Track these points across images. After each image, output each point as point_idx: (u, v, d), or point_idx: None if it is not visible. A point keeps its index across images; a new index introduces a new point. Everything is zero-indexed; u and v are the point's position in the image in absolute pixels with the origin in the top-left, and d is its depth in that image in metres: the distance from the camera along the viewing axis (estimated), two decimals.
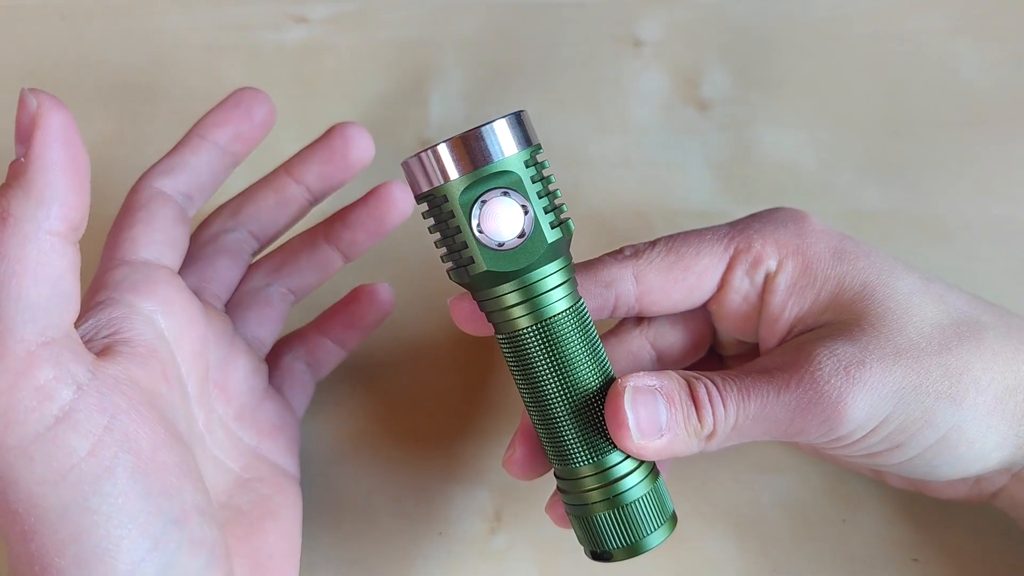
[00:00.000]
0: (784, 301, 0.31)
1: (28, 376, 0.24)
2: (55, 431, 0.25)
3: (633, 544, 0.29)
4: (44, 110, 0.25)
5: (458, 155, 0.27)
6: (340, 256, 0.38)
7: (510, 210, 0.27)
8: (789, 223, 0.32)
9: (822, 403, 0.28)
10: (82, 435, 0.25)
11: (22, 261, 0.24)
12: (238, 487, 0.32)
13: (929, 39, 0.46)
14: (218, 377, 0.33)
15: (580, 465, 0.29)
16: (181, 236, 0.33)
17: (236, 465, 0.33)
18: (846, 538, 0.37)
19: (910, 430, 0.29)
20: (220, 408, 0.33)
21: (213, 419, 0.32)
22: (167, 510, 0.27)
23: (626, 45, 0.47)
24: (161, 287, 0.30)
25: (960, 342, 0.29)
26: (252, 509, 0.32)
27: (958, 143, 0.44)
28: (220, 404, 0.33)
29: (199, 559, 0.27)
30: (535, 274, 0.28)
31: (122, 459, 0.26)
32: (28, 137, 0.25)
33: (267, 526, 0.32)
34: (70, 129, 0.25)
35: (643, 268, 0.31)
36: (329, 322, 0.38)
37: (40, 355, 0.25)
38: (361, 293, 0.38)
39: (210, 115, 0.35)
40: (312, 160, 0.36)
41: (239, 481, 0.33)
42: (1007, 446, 0.30)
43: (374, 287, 0.38)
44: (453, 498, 0.39)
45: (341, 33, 0.48)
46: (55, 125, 0.25)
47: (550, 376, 0.28)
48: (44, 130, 0.25)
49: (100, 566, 0.25)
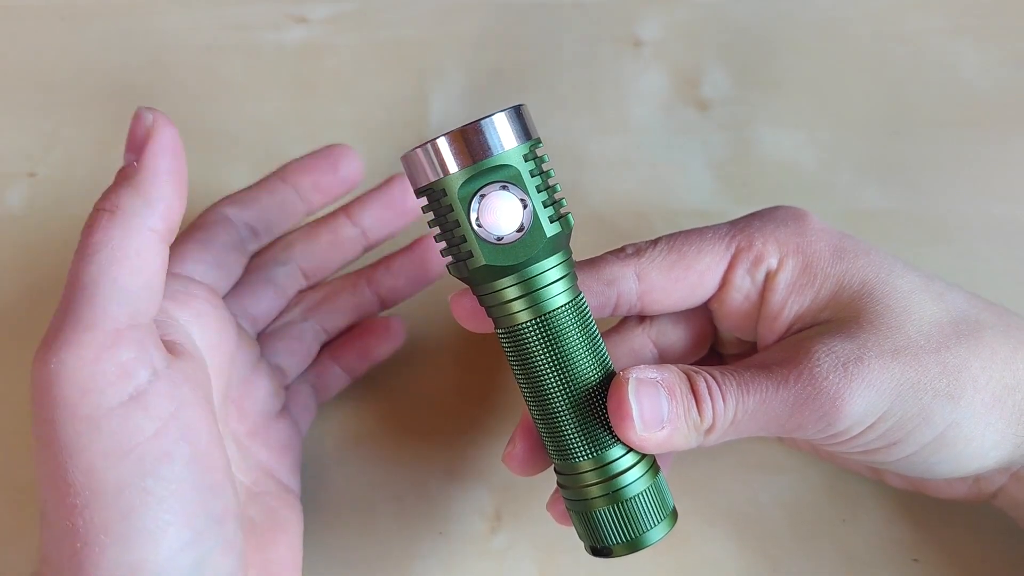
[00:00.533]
0: (784, 299, 0.31)
1: (112, 352, 0.26)
2: (127, 408, 0.26)
3: (633, 539, 0.29)
4: (158, 124, 0.28)
5: (457, 149, 0.27)
6: (379, 301, 0.39)
7: (509, 204, 0.27)
8: (790, 221, 0.32)
9: (820, 399, 0.28)
10: (151, 417, 0.26)
11: (124, 250, 0.27)
12: (249, 499, 0.33)
13: (929, 39, 0.46)
14: (236, 395, 0.34)
15: (580, 460, 0.29)
16: (233, 262, 0.34)
17: (247, 479, 0.34)
18: (846, 538, 0.37)
19: (907, 427, 0.29)
20: (234, 423, 0.34)
21: (226, 433, 0.33)
22: (212, 507, 0.28)
23: (626, 45, 0.47)
24: (197, 302, 0.31)
25: (959, 340, 0.30)
26: (263, 521, 0.33)
27: (958, 143, 0.44)
28: (234, 420, 0.34)
29: (229, 561, 0.28)
30: (534, 268, 0.28)
31: (182, 447, 0.27)
32: (141, 147, 0.28)
33: (277, 538, 0.33)
34: (177, 144, 0.29)
35: (645, 266, 0.32)
36: (340, 349, 0.39)
37: (126, 335, 0.26)
38: (375, 326, 0.39)
39: (297, 160, 0.37)
40: (372, 205, 0.38)
41: (250, 494, 0.33)
42: (1005, 445, 0.30)
43: (387, 321, 0.39)
44: (453, 497, 0.39)
45: (341, 33, 0.48)
46: (166, 138, 0.28)
47: (550, 370, 0.28)
48: (157, 141, 0.28)
49: (141, 548, 0.26)
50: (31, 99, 0.47)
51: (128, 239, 0.27)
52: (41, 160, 0.45)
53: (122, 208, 0.27)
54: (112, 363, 0.26)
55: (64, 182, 0.45)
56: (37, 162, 0.45)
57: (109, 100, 0.46)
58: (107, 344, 0.26)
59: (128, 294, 0.27)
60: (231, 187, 0.37)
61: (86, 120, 0.46)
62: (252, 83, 0.47)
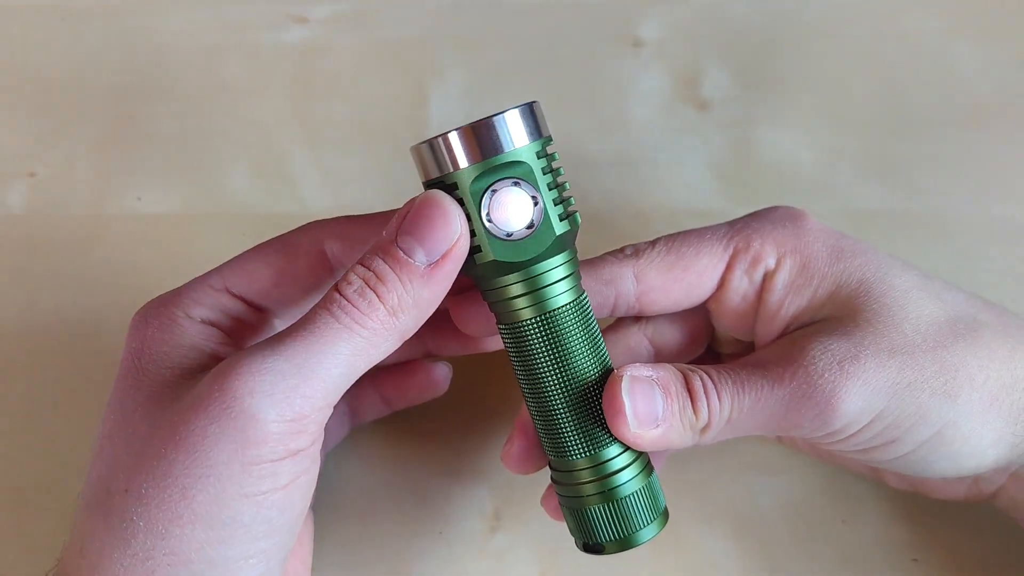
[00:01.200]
0: (782, 299, 0.31)
1: (312, 415, 0.27)
2: (286, 459, 0.27)
3: (625, 538, 0.29)
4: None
5: (471, 144, 0.27)
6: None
7: (520, 200, 0.27)
8: (787, 222, 0.32)
9: (815, 397, 0.28)
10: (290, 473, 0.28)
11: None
12: None
13: (929, 39, 0.46)
14: None
15: (576, 458, 0.29)
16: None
17: None
18: (845, 538, 0.37)
19: (904, 425, 0.29)
20: None
21: None
22: (286, 546, 0.29)
23: (626, 45, 0.47)
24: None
25: (956, 339, 0.30)
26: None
27: (958, 143, 0.44)
28: None
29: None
30: (541, 266, 0.28)
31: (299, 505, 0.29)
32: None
33: (293, 555, 0.34)
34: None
35: (643, 267, 0.32)
36: (384, 381, 0.38)
37: (325, 410, 0.28)
38: (421, 369, 0.38)
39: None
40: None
41: None
42: (1003, 444, 0.30)
43: (435, 368, 0.38)
44: (453, 498, 0.39)
45: (341, 33, 0.48)
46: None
47: (550, 368, 0.28)
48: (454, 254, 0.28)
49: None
50: (31, 99, 0.47)
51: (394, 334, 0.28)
52: (41, 160, 0.45)
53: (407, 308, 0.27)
54: (298, 424, 0.27)
55: (64, 182, 0.45)
56: (37, 162, 0.45)
57: (109, 100, 0.46)
58: (317, 408, 0.27)
59: (350, 379, 0.27)
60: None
61: (86, 120, 0.46)
62: (252, 83, 0.47)
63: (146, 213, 0.44)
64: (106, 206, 0.44)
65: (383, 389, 0.38)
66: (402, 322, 0.27)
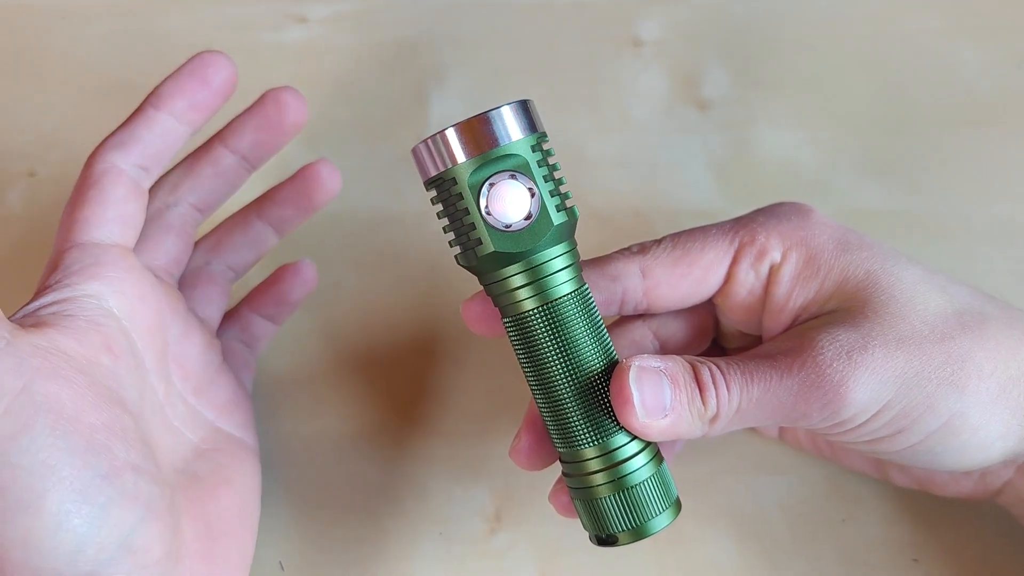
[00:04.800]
0: (789, 291, 0.32)
1: None
2: None
3: (638, 527, 0.29)
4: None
5: (467, 138, 0.28)
6: (273, 232, 0.39)
7: (517, 192, 0.28)
8: (793, 216, 0.32)
9: (824, 386, 0.28)
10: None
11: None
12: (196, 456, 0.34)
13: (929, 39, 0.46)
14: (176, 352, 0.34)
15: (585, 447, 0.29)
16: (135, 212, 0.33)
17: (195, 436, 0.34)
18: (846, 538, 0.37)
19: (912, 415, 0.29)
20: (179, 383, 0.34)
21: (173, 393, 0.33)
22: (94, 465, 0.27)
23: (626, 45, 0.47)
24: (110, 268, 0.31)
25: (963, 330, 0.30)
26: (208, 476, 0.33)
27: (958, 143, 0.44)
28: (179, 379, 0.34)
29: (133, 513, 0.28)
30: (541, 256, 0.28)
31: (41, 418, 0.27)
32: None
33: (221, 491, 0.33)
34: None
35: (649, 263, 0.32)
36: (258, 300, 0.40)
37: None
38: (285, 272, 0.40)
39: (164, 83, 0.35)
40: (245, 128, 0.37)
41: (197, 451, 0.34)
42: (1011, 436, 0.30)
43: (297, 265, 0.40)
44: (453, 498, 0.39)
45: (341, 33, 0.48)
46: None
47: (555, 357, 0.29)
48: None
49: (25, 517, 0.26)
50: (31, 99, 0.47)
51: None
52: (41, 160, 0.45)
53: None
54: None
55: (64, 182, 0.45)
56: (37, 162, 0.45)
57: (109, 100, 0.46)
58: None
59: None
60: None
61: (86, 120, 0.46)
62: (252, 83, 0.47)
63: None
64: None
65: (262, 309, 0.40)
66: None
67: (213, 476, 0.33)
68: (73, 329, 0.29)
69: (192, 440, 0.34)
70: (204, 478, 0.33)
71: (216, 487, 0.33)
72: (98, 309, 0.30)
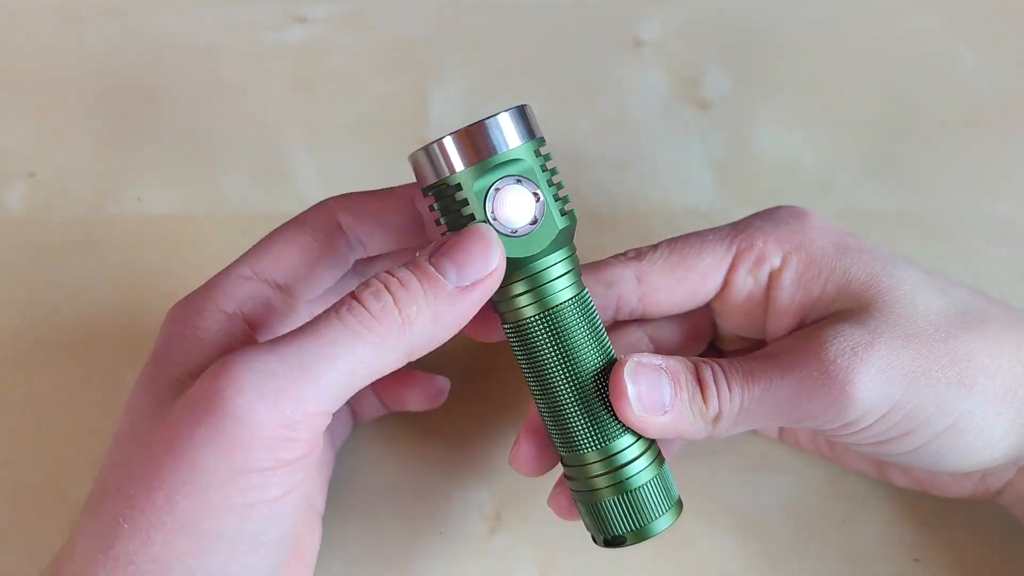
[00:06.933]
0: (792, 295, 0.31)
1: (304, 424, 0.26)
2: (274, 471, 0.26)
3: (640, 528, 0.29)
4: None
5: (471, 145, 0.28)
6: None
7: (523, 197, 0.28)
8: (790, 220, 0.32)
9: (829, 384, 0.28)
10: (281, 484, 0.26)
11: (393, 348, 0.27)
12: None
13: (929, 39, 0.46)
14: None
15: (587, 451, 0.29)
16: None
17: None
18: (847, 538, 0.37)
19: (920, 416, 0.29)
20: None
21: None
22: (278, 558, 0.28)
23: (626, 45, 0.47)
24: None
25: (966, 330, 0.30)
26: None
27: (958, 143, 0.44)
28: None
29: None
30: (545, 261, 0.28)
31: (287, 522, 0.27)
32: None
33: (293, 566, 0.33)
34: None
35: (646, 269, 0.32)
36: (384, 384, 0.38)
37: (322, 417, 0.27)
38: (420, 380, 0.37)
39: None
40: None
41: None
42: (1014, 435, 0.30)
43: (434, 381, 0.38)
44: (453, 498, 0.39)
45: (341, 33, 0.48)
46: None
47: (557, 363, 0.29)
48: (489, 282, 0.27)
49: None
50: (31, 99, 0.47)
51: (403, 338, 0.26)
52: (41, 160, 0.45)
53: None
54: (289, 430, 0.25)
55: (64, 182, 0.45)
56: (37, 162, 0.45)
57: (109, 100, 0.46)
58: (311, 413, 0.25)
59: (350, 388, 0.26)
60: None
61: (86, 120, 0.46)
62: (252, 83, 0.47)
63: (146, 213, 0.44)
64: (106, 206, 0.44)
65: (383, 396, 0.38)
66: (414, 334, 0.26)
67: (291, 547, 0.32)
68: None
69: None
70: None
71: (289, 560, 0.32)
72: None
